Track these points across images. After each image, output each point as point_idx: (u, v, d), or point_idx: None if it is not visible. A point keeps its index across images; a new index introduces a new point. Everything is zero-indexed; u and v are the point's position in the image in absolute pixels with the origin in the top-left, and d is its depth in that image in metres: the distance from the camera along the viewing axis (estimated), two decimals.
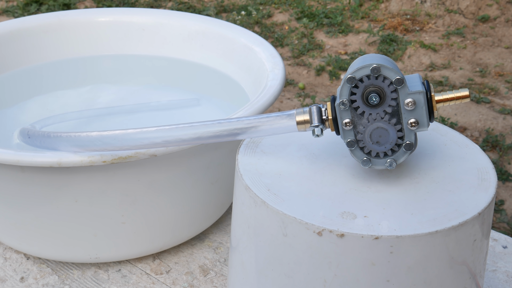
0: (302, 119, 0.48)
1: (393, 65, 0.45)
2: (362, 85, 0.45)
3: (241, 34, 0.80)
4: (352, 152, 0.47)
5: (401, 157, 0.47)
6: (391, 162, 0.46)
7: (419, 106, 0.45)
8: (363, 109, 0.46)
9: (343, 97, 0.45)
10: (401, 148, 0.46)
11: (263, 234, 0.46)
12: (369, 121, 0.46)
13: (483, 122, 2.23)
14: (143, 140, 0.51)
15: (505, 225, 1.78)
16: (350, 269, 0.44)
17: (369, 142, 0.46)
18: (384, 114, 0.46)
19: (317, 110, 0.47)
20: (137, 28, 0.86)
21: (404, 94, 0.45)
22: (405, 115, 0.45)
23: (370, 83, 0.45)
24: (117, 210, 0.60)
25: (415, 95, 0.45)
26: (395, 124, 0.46)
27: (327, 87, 2.53)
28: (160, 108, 0.77)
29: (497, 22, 3.04)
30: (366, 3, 3.27)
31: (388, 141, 0.46)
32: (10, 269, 0.66)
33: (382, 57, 0.46)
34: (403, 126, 0.46)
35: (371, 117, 0.46)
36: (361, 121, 0.46)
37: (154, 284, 0.64)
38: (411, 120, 0.45)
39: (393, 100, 0.45)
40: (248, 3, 3.27)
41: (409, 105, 0.45)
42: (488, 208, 0.45)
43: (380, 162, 0.47)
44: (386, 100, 0.45)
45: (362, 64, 0.45)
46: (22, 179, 0.58)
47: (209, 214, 0.67)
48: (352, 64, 0.47)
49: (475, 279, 0.47)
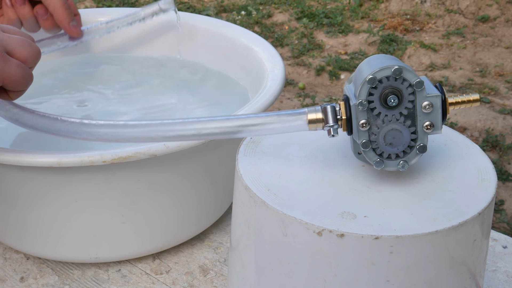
0: (315, 118, 0.48)
1: (408, 66, 0.46)
2: (381, 86, 0.45)
3: (241, 34, 0.80)
4: (365, 153, 0.47)
5: (413, 159, 0.47)
6: (403, 163, 0.47)
7: (436, 109, 0.46)
8: (379, 110, 0.46)
9: (361, 98, 0.45)
10: (414, 150, 0.46)
11: (263, 234, 0.46)
12: (384, 122, 0.46)
13: (483, 122, 2.23)
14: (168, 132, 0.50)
15: (505, 225, 1.78)
16: (350, 269, 0.44)
17: (382, 143, 0.46)
18: (400, 116, 0.46)
19: (332, 110, 0.47)
20: (137, 28, 0.86)
21: (422, 97, 0.45)
22: (420, 118, 0.46)
23: (389, 84, 0.45)
24: (117, 210, 0.60)
25: (433, 98, 0.45)
26: (409, 126, 0.46)
27: (327, 87, 2.53)
28: (135, 18, 0.77)
29: (497, 22, 3.04)
30: (366, 3, 3.27)
31: (402, 143, 0.46)
32: (10, 269, 0.66)
33: (394, 59, 0.47)
34: (417, 129, 0.46)
35: (387, 118, 0.46)
36: (376, 122, 0.46)
37: (154, 284, 0.64)
38: (426, 123, 0.46)
39: (410, 103, 0.46)
40: (248, 3, 3.27)
41: (427, 108, 0.45)
42: (488, 208, 0.45)
43: (392, 163, 0.47)
44: (403, 102, 0.46)
45: (382, 65, 0.45)
46: (22, 179, 0.58)
47: (209, 214, 0.68)
48: (364, 65, 0.47)
49: (475, 279, 0.47)
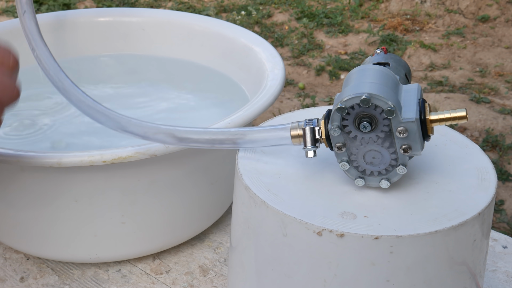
0: (296, 134, 0.47)
1: (385, 89, 0.44)
2: (353, 112, 0.44)
3: (241, 34, 0.80)
4: (347, 171, 0.47)
5: (395, 177, 0.46)
6: (385, 181, 0.46)
7: (412, 133, 0.44)
8: (355, 133, 0.45)
9: (334, 123, 0.45)
10: (395, 169, 0.46)
11: (263, 234, 0.46)
12: (362, 144, 0.45)
13: (483, 122, 2.23)
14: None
15: (505, 225, 1.78)
16: (350, 269, 0.44)
17: (362, 162, 0.46)
18: (377, 139, 0.45)
19: (310, 131, 0.47)
20: (137, 28, 0.86)
21: (397, 122, 0.44)
22: (397, 140, 0.45)
23: (361, 110, 0.44)
24: (117, 210, 0.60)
25: (408, 123, 0.44)
26: (388, 147, 0.45)
27: (327, 87, 2.53)
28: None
29: (497, 22, 3.04)
30: (366, 3, 3.27)
31: (382, 162, 0.46)
32: (10, 269, 0.66)
33: (379, 75, 0.45)
34: (396, 150, 0.45)
35: (364, 140, 0.45)
36: (353, 144, 0.45)
37: (154, 284, 0.64)
38: (403, 146, 0.45)
39: (385, 126, 0.44)
40: (248, 3, 3.27)
41: (401, 133, 0.44)
42: (488, 208, 0.45)
43: (374, 180, 0.46)
44: (378, 127, 0.44)
45: (353, 93, 0.44)
46: (22, 179, 0.58)
47: (209, 214, 0.68)
48: (346, 81, 0.46)
49: (475, 279, 0.47)
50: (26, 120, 0.74)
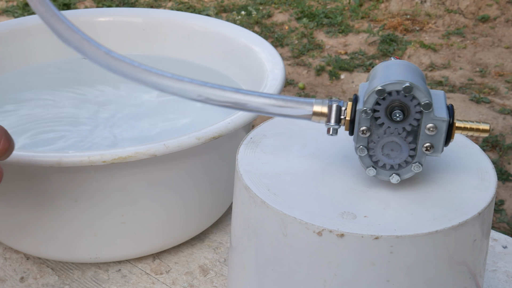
0: (320, 111, 0.47)
1: (423, 83, 0.44)
2: (389, 98, 0.44)
3: (241, 34, 0.80)
4: (361, 158, 0.46)
5: (407, 174, 0.46)
6: (396, 176, 0.46)
7: (439, 133, 0.44)
8: (383, 120, 0.45)
9: (367, 106, 0.45)
10: (409, 166, 0.46)
11: (263, 234, 0.46)
12: (385, 133, 0.45)
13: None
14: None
15: (505, 225, 1.78)
16: (350, 269, 0.44)
17: (379, 152, 0.46)
18: (402, 131, 0.45)
19: (336, 109, 0.46)
20: (137, 28, 0.86)
21: (429, 118, 0.44)
22: (422, 137, 0.45)
23: (398, 98, 0.44)
24: (117, 210, 0.60)
25: (439, 121, 0.44)
26: (410, 143, 0.45)
27: (327, 87, 2.53)
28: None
29: (497, 22, 3.04)
30: (366, 3, 3.27)
31: (399, 157, 0.46)
32: (10, 269, 0.66)
33: (414, 70, 0.46)
34: (417, 146, 0.45)
35: (389, 130, 0.45)
36: (378, 131, 0.45)
37: (154, 284, 0.64)
38: (426, 144, 0.45)
39: (415, 120, 0.45)
40: (248, 3, 3.27)
41: (431, 130, 0.44)
42: (488, 208, 0.45)
43: (385, 173, 0.46)
44: (408, 119, 0.45)
45: (395, 79, 0.44)
46: (22, 179, 0.58)
47: (209, 214, 0.68)
48: (380, 69, 0.46)
49: (475, 279, 0.47)
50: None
